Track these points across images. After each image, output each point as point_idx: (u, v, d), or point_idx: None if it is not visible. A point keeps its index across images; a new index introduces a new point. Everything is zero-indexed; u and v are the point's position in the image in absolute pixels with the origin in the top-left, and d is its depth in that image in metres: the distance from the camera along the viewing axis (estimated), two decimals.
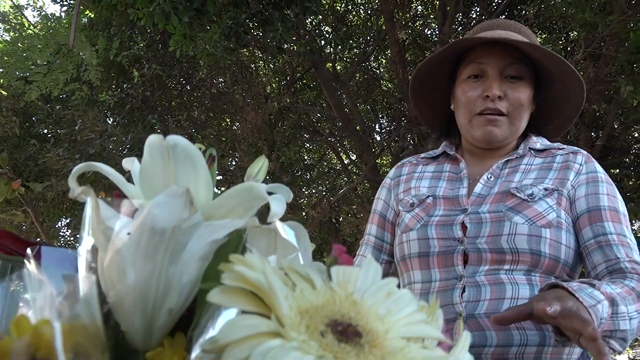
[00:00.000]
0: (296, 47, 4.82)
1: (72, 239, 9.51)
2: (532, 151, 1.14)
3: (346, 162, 8.30)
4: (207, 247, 0.40)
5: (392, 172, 1.28)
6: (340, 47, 6.82)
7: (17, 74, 5.64)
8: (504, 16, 6.23)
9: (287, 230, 0.44)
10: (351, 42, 7.32)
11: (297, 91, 7.55)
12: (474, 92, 1.11)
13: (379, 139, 7.96)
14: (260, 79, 7.19)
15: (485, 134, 1.11)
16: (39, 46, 5.53)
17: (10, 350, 0.28)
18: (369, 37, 7.33)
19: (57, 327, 0.26)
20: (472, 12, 6.73)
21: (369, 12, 7.37)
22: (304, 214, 6.65)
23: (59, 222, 9.17)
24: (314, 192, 8.45)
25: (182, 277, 0.40)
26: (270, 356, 0.25)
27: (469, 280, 1.00)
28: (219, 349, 0.26)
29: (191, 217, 0.38)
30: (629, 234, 1.02)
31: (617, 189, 1.08)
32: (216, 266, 0.41)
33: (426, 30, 7.10)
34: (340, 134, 7.91)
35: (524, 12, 5.73)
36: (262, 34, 4.18)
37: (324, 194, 8.34)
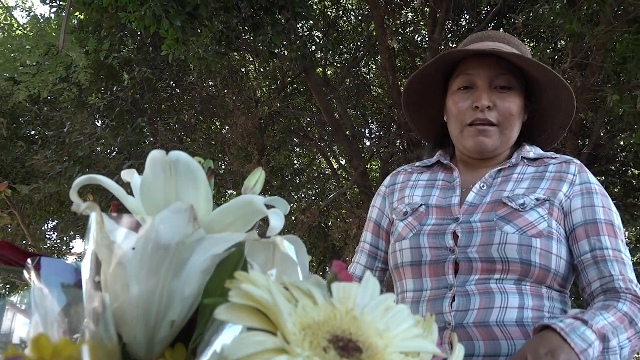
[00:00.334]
0: (287, 52, 4.83)
1: (58, 241, 9.42)
2: (524, 160, 1.15)
3: (335, 167, 8.32)
4: (209, 261, 0.41)
5: (387, 180, 1.29)
6: (330, 53, 6.85)
7: (5, 74, 5.59)
8: (492, 24, 6.29)
9: (287, 244, 0.45)
10: (341, 47, 7.35)
11: (287, 96, 7.57)
12: (464, 104, 1.13)
13: (368, 144, 7.99)
14: (250, 83, 7.19)
15: (476, 145, 1.12)
16: (27, 47, 5.49)
17: None
18: (359, 43, 7.37)
19: (84, 350, 0.27)
20: (462, 19, 6.79)
21: (360, 18, 7.41)
22: (293, 218, 6.66)
23: (45, 225, 9.08)
24: (303, 196, 8.46)
25: (184, 290, 0.40)
26: None
27: (459, 289, 1.01)
28: None
29: (194, 233, 0.39)
30: (624, 249, 1.03)
31: None
32: (218, 280, 0.42)
33: (416, 36, 7.16)
34: (330, 139, 7.93)
35: (513, 20, 5.80)
36: (253, 38, 4.19)
37: (313, 198, 8.35)
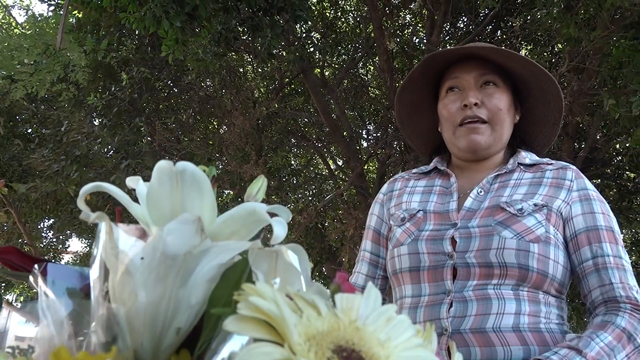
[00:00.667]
0: (285, 53, 4.84)
1: (54, 240, 9.41)
2: (521, 166, 1.17)
3: (333, 168, 8.33)
4: (215, 270, 0.42)
5: (384, 187, 1.30)
6: (329, 54, 6.87)
7: (3, 72, 5.58)
8: (490, 27, 6.32)
9: (290, 253, 0.46)
10: (340, 48, 7.37)
11: (285, 96, 7.57)
12: (454, 105, 1.16)
13: (365, 145, 8.01)
14: (248, 84, 7.20)
15: (469, 143, 1.14)
16: (24, 45, 5.48)
17: None
18: (357, 45, 7.38)
19: None
20: (460, 22, 6.81)
21: (358, 19, 7.42)
22: (290, 219, 6.65)
23: (42, 223, 9.07)
24: (300, 197, 8.47)
25: (191, 298, 0.42)
26: None
27: (457, 295, 1.01)
28: None
29: (202, 243, 0.40)
30: (624, 254, 1.04)
31: None
32: (223, 288, 0.43)
33: (414, 39, 7.18)
34: (327, 140, 7.94)
35: (511, 23, 5.83)
36: (251, 40, 4.20)
37: (310, 199, 8.36)
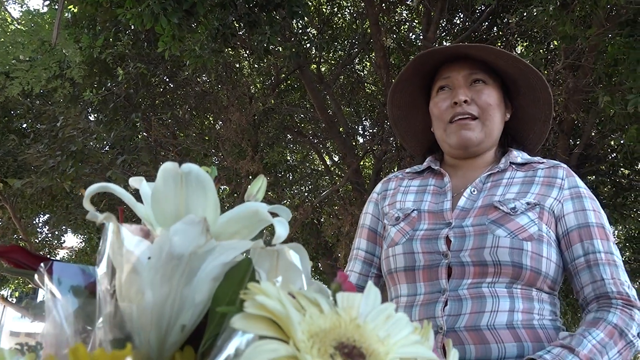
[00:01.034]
0: (282, 49, 4.84)
1: (50, 235, 9.39)
2: (513, 165, 1.19)
3: (329, 164, 8.35)
4: (219, 269, 0.44)
5: (378, 187, 1.32)
6: (325, 50, 6.86)
7: None
8: (486, 24, 6.33)
9: (292, 253, 0.47)
10: (336, 44, 7.37)
11: (281, 92, 7.57)
12: (444, 103, 1.19)
13: (362, 141, 8.02)
14: (244, 79, 7.19)
15: (459, 139, 1.16)
16: (19, 40, 5.46)
17: None
18: (353, 40, 7.38)
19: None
20: (456, 18, 6.82)
21: (355, 15, 7.42)
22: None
23: (37, 219, 9.05)
24: (296, 193, 8.48)
25: (195, 296, 0.43)
26: None
27: (452, 294, 1.03)
28: None
29: (207, 243, 0.41)
30: (615, 251, 1.07)
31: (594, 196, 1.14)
32: (227, 287, 0.44)
33: (410, 35, 7.19)
34: (323, 136, 7.95)
35: (507, 20, 5.85)
36: (249, 36, 4.19)
37: (306, 195, 8.37)
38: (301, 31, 6.64)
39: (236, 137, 6.56)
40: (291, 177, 8.33)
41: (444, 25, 6.69)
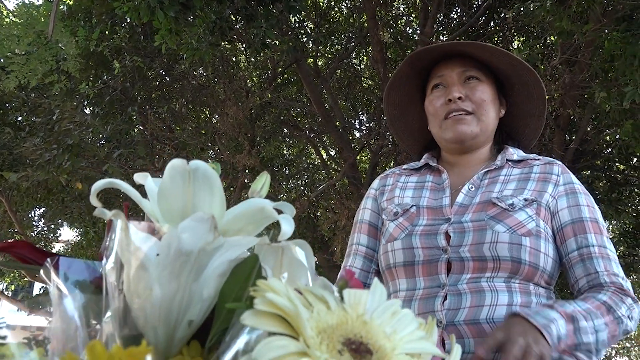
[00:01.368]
0: (279, 43, 4.83)
1: (45, 229, 9.37)
2: (509, 162, 1.21)
3: (325, 158, 8.34)
4: (225, 266, 0.44)
5: (376, 182, 1.33)
6: (322, 44, 6.85)
7: None
8: (483, 18, 6.33)
9: (298, 249, 0.48)
10: (333, 38, 7.35)
11: (278, 86, 7.56)
12: (439, 101, 1.21)
13: (358, 135, 8.03)
14: (241, 73, 7.17)
15: (455, 133, 1.18)
16: (15, 33, 5.42)
17: None
18: (350, 34, 7.37)
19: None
20: (453, 13, 6.82)
21: (352, 9, 7.40)
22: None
23: (33, 212, 9.02)
24: (292, 187, 8.48)
25: (203, 292, 0.43)
26: None
27: (451, 288, 1.04)
28: None
29: (215, 240, 0.42)
30: (608, 244, 1.09)
31: (588, 192, 1.16)
32: (233, 283, 0.45)
33: (407, 29, 7.18)
34: (320, 130, 7.94)
35: (504, 15, 5.85)
36: (246, 30, 4.18)
37: (303, 189, 8.38)
38: (298, 25, 6.63)
39: (233, 131, 6.55)
40: (288, 171, 8.33)
41: (441, 19, 6.68)
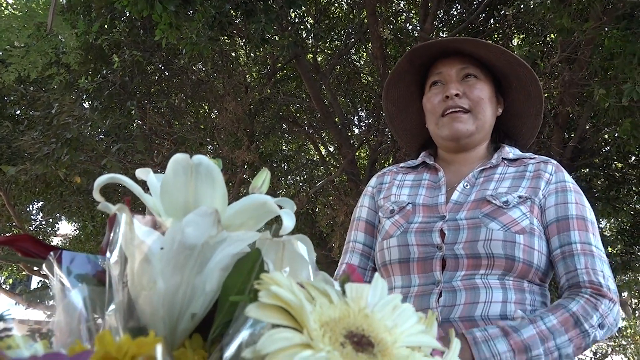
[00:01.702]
0: (278, 39, 4.82)
1: (44, 223, 9.37)
2: (505, 161, 1.22)
3: (324, 154, 8.35)
4: (228, 260, 0.45)
5: (373, 180, 1.34)
6: (322, 40, 6.84)
7: None
8: (483, 15, 6.33)
9: (299, 244, 0.48)
10: (333, 34, 7.34)
11: (277, 82, 7.55)
12: (437, 98, 1.22)
13: (357, 132, 8.03)
14: (241, 69, 7.16)
15: (451, 131, 1.19)
16: (14, 25, 5.40)
17: None
18: (350, 30, 7.36)
19: (159, 348, 0.31)
20: (453, 10, 6.81)
21: (352, 5, 7.39)
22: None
23: (31, 206, 9.01)
24: (291, 183, 8.49)
25: (206, 286, 0.44)
26: None
27: (446, 285, 1.05)
28: (259, 358, 0.31)
29: (218, 234, 0.43)
30: (595, 241, 1.07)
31: (586, 189, 1.16)
32: (236, 276, 0.46)
33: (407, 25, 7.17)
34: (319, 126, 7.94)
35: (504, 12, 5.84)
36: (245, 25, 4.18)
37: (301, 185, 8.38)
38: (298, 20, 6.61)
39: (232, 127, 6.55)
40: (286, 167, 8.33)
41: (441, 16, 6.68)
